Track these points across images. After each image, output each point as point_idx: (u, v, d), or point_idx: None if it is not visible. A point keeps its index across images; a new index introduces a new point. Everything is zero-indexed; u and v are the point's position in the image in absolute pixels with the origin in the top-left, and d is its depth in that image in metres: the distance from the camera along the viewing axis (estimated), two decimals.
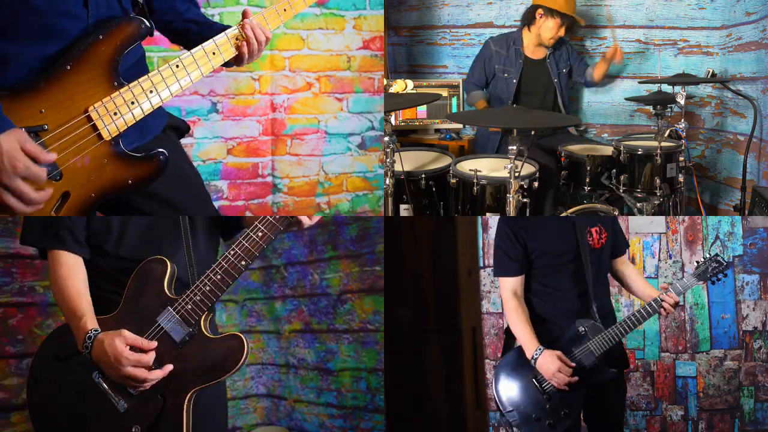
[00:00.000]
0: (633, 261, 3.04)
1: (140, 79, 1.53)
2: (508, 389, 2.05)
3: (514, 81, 3.77)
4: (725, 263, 2.07)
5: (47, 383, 1.53)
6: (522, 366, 2.05)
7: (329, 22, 3.30)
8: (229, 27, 1.76)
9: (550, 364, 1.99)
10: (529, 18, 3.75)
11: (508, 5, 4.25)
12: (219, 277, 1.47)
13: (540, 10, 3.67)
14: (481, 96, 3.95)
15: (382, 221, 2.93)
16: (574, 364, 2.00)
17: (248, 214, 3.34)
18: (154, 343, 1.45)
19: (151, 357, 1.44)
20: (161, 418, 1.44)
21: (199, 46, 1.63)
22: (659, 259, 3.02)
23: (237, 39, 1.69)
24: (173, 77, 1.57)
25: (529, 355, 2.02)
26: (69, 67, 1.42)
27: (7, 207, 1.34)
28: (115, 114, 1.48)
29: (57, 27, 1.43)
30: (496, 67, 3.81)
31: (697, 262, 2.12)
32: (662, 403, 3.00)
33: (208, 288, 1.47)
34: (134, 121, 1.51)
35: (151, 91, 1.53)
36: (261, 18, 1.74)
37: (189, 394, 1.45)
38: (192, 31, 1.80)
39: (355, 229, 2.99)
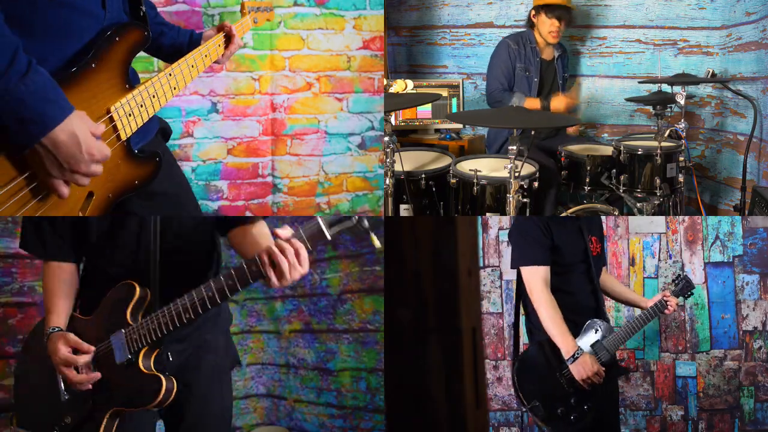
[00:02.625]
0: (633, 261, 3.04)
1: (146, 84, 1.57)
2: (531, 383, 2.06)
3: (536, 80, 3.72)
4: (691, 283, 2.31)
5: (32, 354, 1.74)
6: (546, 360, 2.06)
7: (329, 22, 3.29)
8: (193, 31, 1.95)
9: (590, 367, 2.00)
10: (530, 21, 3.77)
11: (508, 5, 4.25)
12: (165, 320, 1.52)
13: (532, 11, 3.72)
14: (525, 95, 3.69)
15: (382, 221, 2.92)
16: (604, 369, 2.04)
17: (248, 214, 3.34)
18: (92, 348, 1.59)
19: (82, 360, 1.58)
20: (89, 417, 1.59)
21: (190, 54, 1.75)
22: (659, 259, 3.02)
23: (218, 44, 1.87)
24: (168, 85, 1.64)
25: (567, 355, 2.02)
26: (94, 66, 1.43)
27: (79, 184, 1.37)
28: (131, 115, 1.51)
29: (76, 25, 1.43)
30: (517, 66, 3.71)
31: (674, 280, 2.32)
32: (662, 403, 3.00)
33: (153, 326, 1.54)
34: (142, 124, 1.56)
35: (154, 96, 1.59)
36: (237, 24, 1.97)
37: (112, 409, 1.59)
38: (164, 33, 1.88)
39: None
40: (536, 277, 2.06)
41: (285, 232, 1.40)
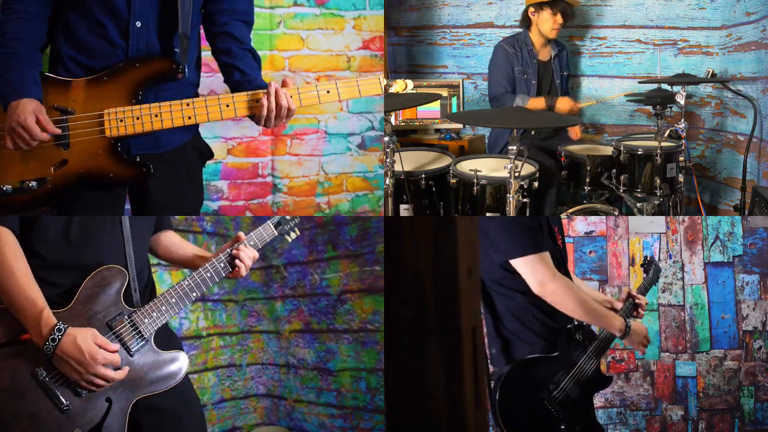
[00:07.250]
0: (633, 261, 3.04)
1: (152, 104, 1.80)
2: (515, 412, 1.79)
3: (533, 82, 3.71)
4: (658, 265, 2.26)
5: None
6: (532, 384, 1.81)
7: (329, 22, 3.29)
8: (264, 87, 1.87)
9: (645, 332, 1.94)
10: (526, 20, 3.76)
11: (508, 5, 4.25)
12: (174, 300, 1.56)
13: (531, 9, 3.70)
14: (527, 96, 3.70)
15: (382, 221, 2.93)
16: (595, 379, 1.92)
17: (248, 214, 3.34)
18: (117, 346, 1.48)
19: (117, 358, 1.46)
20: (104, 423, 1.45)
21: (236, 94, 1.85)
22: (659, 259, 3.02)
23: (255, 100, 1.84)
24: (180, 112, 1.82)
25: (620, 331, 1.88)
26: (106, 78, 1.79)
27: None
28: (121, 121, 1.80)
29: (102, 51, 1.79)
30: (516, 68, 3.71)
31: (643, 266, 2.28)
32: (662, 403, 3.00)
33: (164, 308, 1.55)
34: (134, 133, 1.80)
35: (156, 115, 1.80)
36: (294, 90, 1.86)
37: (134, 402, 1.50)
38: (233, 74, 1.96)
39: (355, 229, 2.99)
40: (546, 266, 1.80)
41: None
